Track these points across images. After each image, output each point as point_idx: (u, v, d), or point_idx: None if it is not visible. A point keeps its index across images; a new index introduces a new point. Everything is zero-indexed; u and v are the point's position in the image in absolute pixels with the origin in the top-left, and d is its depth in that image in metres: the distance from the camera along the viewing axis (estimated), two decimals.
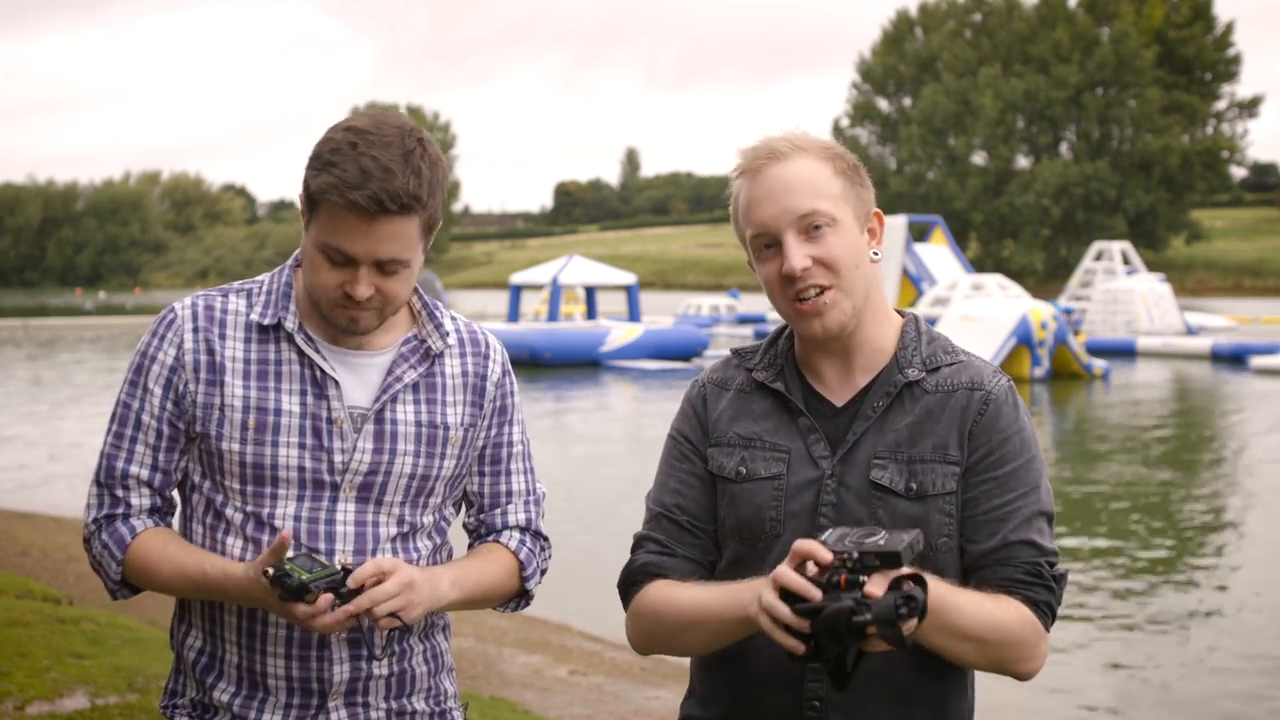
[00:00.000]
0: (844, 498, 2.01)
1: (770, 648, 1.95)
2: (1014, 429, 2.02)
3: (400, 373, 2.18)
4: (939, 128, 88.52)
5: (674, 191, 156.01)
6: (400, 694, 2.19)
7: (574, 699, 6.61)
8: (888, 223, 7.39)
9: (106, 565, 2.15)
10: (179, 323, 2.14)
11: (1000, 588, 1.97)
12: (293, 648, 2.11)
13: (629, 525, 2.30)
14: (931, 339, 2.10)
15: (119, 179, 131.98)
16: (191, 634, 2.19)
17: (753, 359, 2.16)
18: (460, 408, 2.23)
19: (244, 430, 2.10)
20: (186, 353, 2.12)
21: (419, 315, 2.25)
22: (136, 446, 2.14)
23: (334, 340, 2.16)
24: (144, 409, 2.14)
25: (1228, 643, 8.29)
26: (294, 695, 2.12)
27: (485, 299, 61.98)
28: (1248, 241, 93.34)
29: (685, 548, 2.11)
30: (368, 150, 2.00)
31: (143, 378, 2.14)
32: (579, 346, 30.43)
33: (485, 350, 2.30)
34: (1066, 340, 25.81)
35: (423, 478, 2.18)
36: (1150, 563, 10.51)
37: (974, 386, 2.04)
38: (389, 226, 2.02)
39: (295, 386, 2.12)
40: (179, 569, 2.10)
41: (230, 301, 2.17)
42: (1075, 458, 16.16)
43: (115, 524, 2.14)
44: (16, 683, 5.60)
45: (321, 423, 2.11)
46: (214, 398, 2.11)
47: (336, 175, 2.01)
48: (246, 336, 2.14)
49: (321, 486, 2.12)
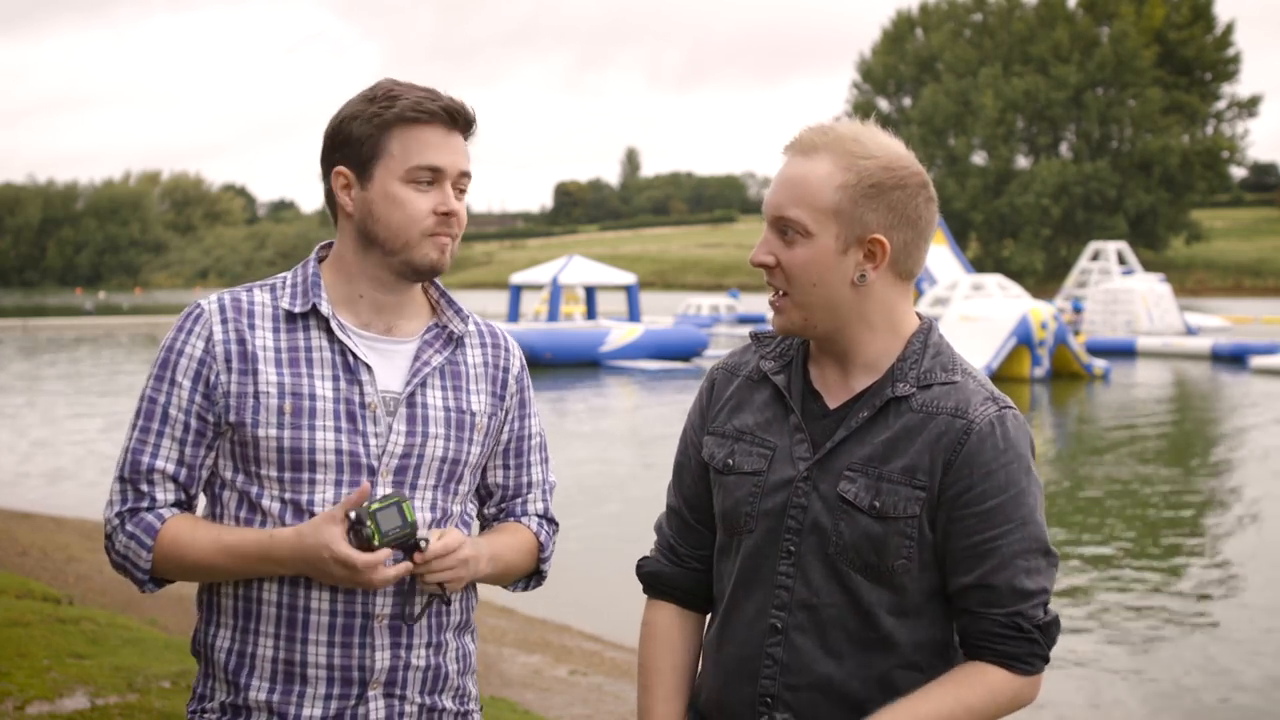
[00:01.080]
0: (814, 504, 2.01)
1: (741, 639, 2.06)
2: (998, 463, 1.96)
3: (427, 357, 2.22)
4: (939, 128, 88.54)
5: (674, 191, 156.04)
6: (434, 690, 2.22)
7: (574, 699, 6.61)
8: None
9: (134, 556, 2.13)
10: (206, 316, 2.15)
11: (977, 644, 1.98)
12: (335, 634, 2.12)
13: (629, 526, 2.34)
14: (937, 353, 2.05)
15: (119, 179, 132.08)
16: (220, 634, 2.18)
17: (768, 345, 2.18)
18: (483, 396, 2.28)
19: (280, 415, 2.11)
20: (217, 344, 2.13)
21: (438, 304, 2.30)
22: (163, 441, 2.14)
23: (364, 326, 2.20)
24: (171, 402, 2.14)
25: (1229, 643, 8.29)
26: (334, 685, 2.13)
27: (485, 299, 61.91)
28: (1248, 241, 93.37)
29: (689, 549, 2.21)
30: (413, 85, 2.18)
31: (169, 371, 2.14)
32: (579, 346, 30.42)
33: (504, 344, 2.36)
34: (1066, 340, 25.82)
35: (454, 462, 2.22)
36: (1150, 562, 10.51)
37: (956, 413, 1.98)
38: (460, 140, 2.18)
39: (328, 372, 2.15)
40: (216, 540, 2.10)
41: (256, 295, 2.20)
42: (1075, 458, 16.16)
43: (141, 515, 2.13)
44: (16, 683, 5.60)
45: (355, 407, 2.14)
46: (248, 386, 2.12)
47: (411, 99, 2.14)
48: (275, 326, 2.16)
49: (359, 470, 2.14)
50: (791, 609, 2.01)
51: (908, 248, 2.02)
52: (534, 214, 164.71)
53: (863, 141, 2.00)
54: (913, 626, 2.00)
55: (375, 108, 2.15)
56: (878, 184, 1.98)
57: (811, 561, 2.00)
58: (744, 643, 2.06)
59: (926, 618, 2.02)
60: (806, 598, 2.00)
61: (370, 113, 2.15)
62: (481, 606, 8.91)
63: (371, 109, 2.15)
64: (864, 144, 2.00)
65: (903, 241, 2.01)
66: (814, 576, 2.00)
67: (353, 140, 2.15)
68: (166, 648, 6.59)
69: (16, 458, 16.48)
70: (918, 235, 2.03)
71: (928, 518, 1.97)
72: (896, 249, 2.01)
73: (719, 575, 2.15)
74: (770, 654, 2.02)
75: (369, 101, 2.17)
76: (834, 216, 1.98)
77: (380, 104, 2.15)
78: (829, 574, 2.00)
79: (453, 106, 2.16)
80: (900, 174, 2.00)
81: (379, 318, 2.22)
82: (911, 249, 2.03)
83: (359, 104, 2.17)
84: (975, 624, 1.98)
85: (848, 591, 1.99)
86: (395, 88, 2.17)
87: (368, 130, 2.14)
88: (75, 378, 27.60)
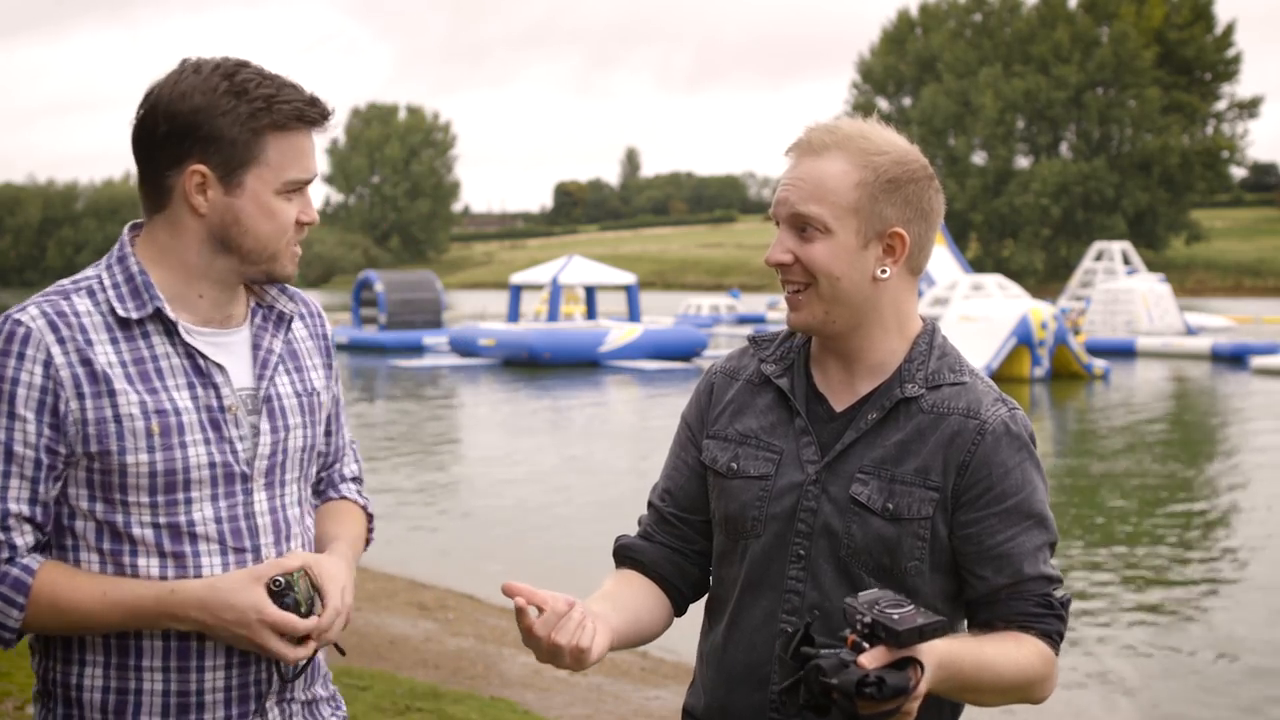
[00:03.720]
0: (824, 507, 2.01)
1: (748, 645, 2.04)
2: (1014, 461, 1.99)
3: (268, 344, 2.11)
4: (939, 128, 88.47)
5: (674, 191, 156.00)
6: (311, 682, 2.17)
7: (574, 699, 6.61)
8: None
9: (3, 616, 1.92)
10: (36, 335, 1.93)
11: (1015, 623, 1.99)
12: (233, 656, 2.01)
13: (629, 526, 2.32)
14: (943, 354, 2.07)
15: (119, 179, 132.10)
16: (90, 673, 2.00)
17: (767, 348, 2.17)
18: (319, 372, 2.20)
19: (149, 438, 1.94)
20: (59, 368, 1.92)
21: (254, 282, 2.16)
22: (11, 481, 1.92)
23: (203, 324, 2.05)
24: (14, 439, 1.92)
25: (1228, 644, 8.29)
26: (231, 706, 2.03)
27: (485, 299, 61.94)
28: (1248, 241, 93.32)
29: (664, 536, 2.21)
30: (275, 76, 2.02)
31: (7, 404, 1.91)
32: (578, 346, 30.42)
33: (315, 310, 2.25)
34: (1066, 340, 25.81)
35: (310, 449, 2.15)
36: (1150, 563, 10.51)
37: (969, 414, 2.00)
38: (315, 140, 2.06)
39: (181, 380, 1.99)
40: (101, 595, 1.93)
41: (75, 303, 1.98)
42: (1075, 458, 16.16)
43: (3, 569, 1.92)
44: (16, 683, 5.61)
45: (216, 413, 2.00)
46: (105, 410, 1.93)
47: (290, 106, 1.99)
48: (113, 337, 1.97)
49: (233, 480, 2.01)
50: (802, 613, 2.00)
51: (921, 240, 2.05)
52: (534, 214, 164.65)
53: (871, 138, 2.02)
54: None
55: (249, 107, 1.96)
56: (894, 179, 2.01)
57: (822, 565, 2.00)
58: (752, 648, 2.05)
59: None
60: (817, 601, 2.00)
61: (244, 112, 1.96)
62: (481, 607, 8.95)
63: (244, 107, 1.96)
64: (874, 140, 2.02)
65: (918, 234, 2.04)
66: (825, 580, 2.00)
67: (221, 140, 1.96)
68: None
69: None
70: (929, 228, 2.06)
71: (941, 519, 1.99)
72: (913, 241, 2.03)
73: (720, 581, 2.14)
74: (781, 659, 2.01)
75: (236, 96, 1.96)
76: (854, 213, 1.99)
77: (254, 103, 1.96)
78: (840, 577, 2.00)
79: (325, 111, 2.03)
80: (912, 168, 2.03)
81: (217, 312, 2.06)
82: (924, 242, 2.06)
83: (224, 98, 1.96)
84: (1007, 610, 1.99)
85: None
86: (263, 84, 1.98)
87: (241, 134, 1.96)
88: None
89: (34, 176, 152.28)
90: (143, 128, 2.01)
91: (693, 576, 2.21)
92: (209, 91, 1.96)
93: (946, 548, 2.00)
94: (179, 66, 2.01)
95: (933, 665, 1.76)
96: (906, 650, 1.72)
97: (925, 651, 1.75)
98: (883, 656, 1.71)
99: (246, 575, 1.95)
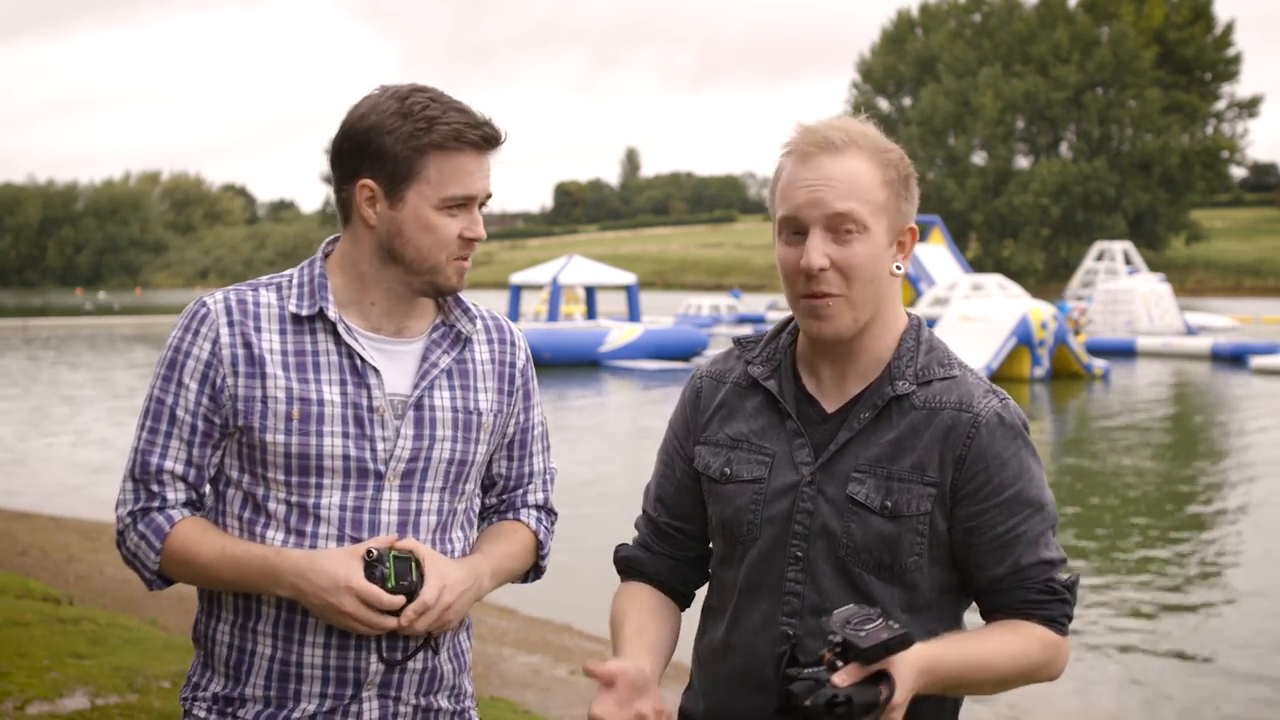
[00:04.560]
0: (820, 507, 2.00)
1: (748, 649, 2.04)
2: (1010, 451, 1.99)
3: (435, 358, 2.21)
4: (938, 128, 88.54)
5: (674, 191, 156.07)
6: (429, 690, 2.22)
7: (574, 699, 6.61)
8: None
9: (144, 556, 2.14)
10: (213, 317, 2.14)
11: (1018, 612, 1.99)
12: (332, 637, 2.12)
13: (629, 525, 2.33)
14: (931, 348, 2.06)
15: (119, 179, 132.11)
16: (220, 628, 2.19)
17: (752, 350, 2.16)
18: (490, 394, 2.27)
19: (288, 421, 2.10)
20: (223, 347, 2.12)
21: (444, 301, 2.28)
22: (171, 442, 2.14)
23: (374, 330, 2.19)
24: (178, 404, 2.13)
25: (1228, 645, 8.29)
26: (329, 685, 2.13)
27: (485, 299, 61.60)
28: (1248, 241, 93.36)
29: (662, 546, 2.22)
30: (446, 100, 2.14)
31: (176, 372, 2.14)
32: (579, 346, 30.43)
33: (510, 338, 2.35)
34: (1066, 340, 25.81)
35: (460, 463, 2.22)
36: (1150, 563, 10.51)
37: (961, 407, 1.99)
38: (488, 161, 2.17)
39: (335, 376, 2.14)
40: (221, 552, 2.11)
41: (261, 295, 2.18)
42: (1074, 457, 16.16)
43: (151, 515, 2.14)
44: (16, 683, 5.61)
45: (363, 411, 2.13)
46: (255, 390, 2.11)
47: (451, 126, 2.11)
48: (282, 329, 2.15)
49: (366, 475, 2.14)
50: (802, 614, 2.00)
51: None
52: (534, 214, 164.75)
53: (873, 136, 2.03)
54: (924, 622, 2.00)
55: (412, 126, 2.10)
56: (906, 176, 2.03)
57: (821, 565, 2.00)
58: (752, 652, 2.04)
59: (937, 611, 2.03)
60: (817, 602, 1.99)
61: (407, 131, 2.10)
62: (482, 607, 8.92)
63: (407, 127, 2.10)
64: (876, 138, 2.03)
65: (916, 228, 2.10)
66: (824, 580, 2.00)
67: (385, 156, 2.11)
68: (166, 648, 6.59)
69: (11, 456, 16.48)
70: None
71: (939, 513, 1.99)
72: (915, 237, 2.07)
73: (718, 586, 2.14)
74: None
75: (403, 117, 2.10)
76: (884, 211, 1.99)
77: (417, 123, 2.10)
78: (840, 577, 1.99)
79: (490, 134, 2.14)
80: (908, 163, 2.05)
81: (390, 321, 2.20)
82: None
83: (392, 118, 2.11)
84: (1010, 599, 2.00)
85: (859, 593, 1.98)
86: (430, 106, 2.12)
87: (403, 151, 2.10)
88: (77, 383, 27.58)
89: (34, 176, 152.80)
90: (333, 145, 2.19)
91: (695, 580, 2.23)
92: (381, 112, 2.13)
93: (945, 541, 2.00)
94: (372, 90, 2.19)
95: (912, 674, 1.79)
96: (877, 665, 1.78)
97: (898, 663, 1.78)
98: (855, 674, 1.77)
99: (348, 550, 2.07)
